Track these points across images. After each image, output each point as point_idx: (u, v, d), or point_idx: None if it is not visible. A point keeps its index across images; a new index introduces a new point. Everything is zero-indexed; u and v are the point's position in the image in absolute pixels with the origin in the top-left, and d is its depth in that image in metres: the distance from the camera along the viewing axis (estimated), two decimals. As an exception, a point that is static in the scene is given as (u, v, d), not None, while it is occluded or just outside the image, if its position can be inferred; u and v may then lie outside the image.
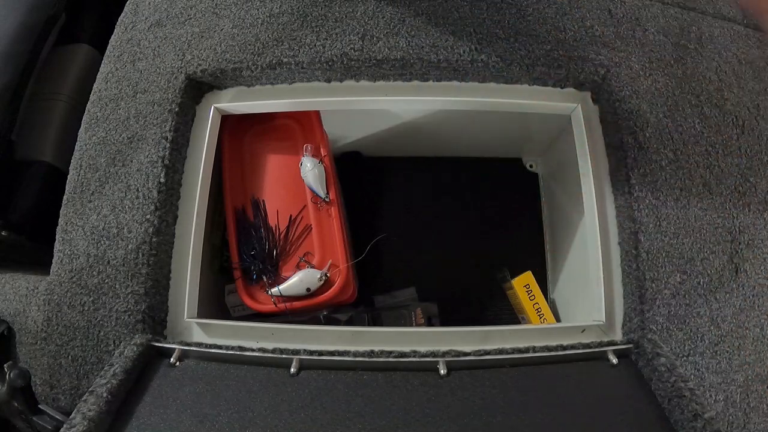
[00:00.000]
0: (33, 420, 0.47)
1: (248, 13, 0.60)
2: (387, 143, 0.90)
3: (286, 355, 0.47)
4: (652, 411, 0.44)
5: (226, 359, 0.48)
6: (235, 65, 0.57)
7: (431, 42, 0.57)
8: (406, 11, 0.59)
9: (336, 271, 0.64)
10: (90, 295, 0.52)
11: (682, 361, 0.49)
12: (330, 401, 0.44)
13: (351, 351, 0.48)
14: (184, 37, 0.60)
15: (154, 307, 0.52)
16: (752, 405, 0.48)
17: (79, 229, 0.54)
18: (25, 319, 0.54)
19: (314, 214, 0.66)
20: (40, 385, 0.52)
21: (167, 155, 0.55)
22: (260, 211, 0.67)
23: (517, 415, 0.42)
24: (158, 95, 0.57)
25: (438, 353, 0.48)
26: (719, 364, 0.49)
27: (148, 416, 0.43)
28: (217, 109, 0.59)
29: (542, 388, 0.45)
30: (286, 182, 0.68)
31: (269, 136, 0.70)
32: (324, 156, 0.68)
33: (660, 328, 0.49)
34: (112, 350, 0.51)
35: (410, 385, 0.45)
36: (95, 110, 0.58)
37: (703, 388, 0.48)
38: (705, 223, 0.52)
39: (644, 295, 0.50)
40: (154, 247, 0.52)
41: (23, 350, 0.54)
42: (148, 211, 0.53)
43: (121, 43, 0.61)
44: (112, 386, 0.43)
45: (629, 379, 0.46)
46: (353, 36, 0.57)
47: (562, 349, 0.48)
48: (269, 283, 0.64)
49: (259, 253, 0.65)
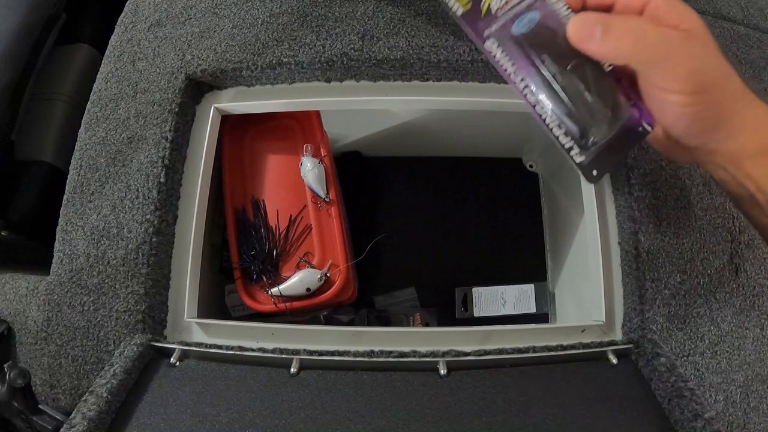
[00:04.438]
0: (33, 420, 0.47)
1: (248, 13, 0.60)
2: (387, 143, 0.90)
3: (286, 355, 0.47)
4: (652, 411, 0.44)
5: (226, 359, 0.48)
6: (235, 65, 0.57)
7: (431, 42, 0.57)
8: (406, 11, 0.59)
9: (336, 271, 0.64)
10: (90, 295, 0.52)
11: (682, 361, 0.49)
12: (330, 401, 0.44)
13: (351, 351, 0.48)
14: (184, 37, 0.60)
15: (154, 307, 0.52)
16: (752, 405, 0.48)
17: (79, 229, 0.54)
18: (25, 319, 0.54)
19: (314, 214, 0.66)
20: (40, 385, 0.52)
21: (167, 155, 0.55)
22: (260, 211, 0.67)
23: (517, 415, 0.42)
24: (158, 95, 0.57)
25: (438, 353, 0.48)
26: (719, 364, 0.49)
27: (148, 416, 0.43)
28: (217, 109, 0.59)
29: (542, 388, 0.45)
30: (286, 182, 0.68)
31: (269, 136, 0.70)
32: (324, 156, 0.68)
33: (660, 328, 0.49)
34: (112, 350, 0.51)
35: (410, 385, 0.45)
36: (95, 110, 0.58)
37: (703, 388, 0.48)
38: (705, 223, 0.52)
39: (644, 295, 0.50)
40: (154, 247, 0.52)
41: (23, 350, 0.54)
42: (148, 211, 0.53)
43: (121, 43, 0.61)
44: (112, 386, 0.43)
45: (629, 379, 0.46)
46: (353, 36, 0.57)
47: (562, 349, 0.48)
48: (269, 283, 0.64)
49: (259, 253, 0.65)
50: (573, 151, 0.33)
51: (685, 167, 0.53)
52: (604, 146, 0.33)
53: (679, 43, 0.30)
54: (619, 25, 0.30)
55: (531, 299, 0.83)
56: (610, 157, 0.33)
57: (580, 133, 0.32)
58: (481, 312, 0.84)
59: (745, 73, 0.58)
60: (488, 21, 0.32)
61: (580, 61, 0.31)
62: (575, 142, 0.33)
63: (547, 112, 0.32)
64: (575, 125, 0.32)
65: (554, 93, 0.32)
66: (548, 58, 0.31)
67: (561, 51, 0.31)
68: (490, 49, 0.32)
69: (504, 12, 0.31)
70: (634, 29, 0.30)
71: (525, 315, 0.83)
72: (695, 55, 0.30)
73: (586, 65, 0.31)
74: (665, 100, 0.31)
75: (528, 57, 0.31)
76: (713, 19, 0.62)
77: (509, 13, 0.31)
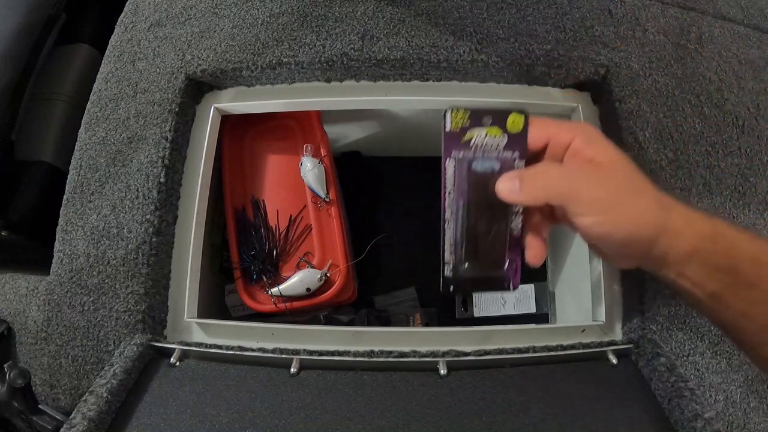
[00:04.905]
0: (33, 420, 0.47)
1: (248, 13, 0.60)
2: (387, 143, 0.90)
3: (286, 355, 0.47)
4: (652, 411, 0.44)
5: (226, 359, 0.48)
6: (235, 65, 0.57)
7: (431, 42, 0.57)
8: (406, 11, 0.59)
9: (336, 271, 0.64)
10: (90, 295, 0.52)
11: (682, 361, 0.49)
12: (330, 401, 0.44)
13: (351, 351, 0.48)
14: (184, 37, 0.60)
15: (154, 307, 0.52)
16: (752, 405, 0.48)
17: (79, 229, 0.54)
18: (25, 319, 0.54)
19: (314, 214, 0.66)
20: (40, 385, 0.52)
21: (167, 155, 0.55)
22: (260, 211, 0.67)
23: (517, 415, 0.42)
24: (158, 95, 0.57)
25: (438, 353, 0.48)
26: (719, 364, 0.49)
27: (148, 416, 0.43)
28: (217, 109, 0.58)
29: (542, 388, 0.45)
30: (286, 182, 0.68)
31: (269, 136, 0.70)
32: (324, 156, 0.68)
33: (660, 328, 0.49)
34: (112, 350, 0.51)
35: (410, 385, 0.45)
36: (95, 110, 0.58)
37: (703, 388, 0.48)
38: (705, 223, 0.52)
39: (644, 295, 0.50)
40: (154, 247, 0.52)
41: (23, 350, 0.54)
42: (148, 211, 0.53)
43: (121, 43, 0.61)
44: (112, 386, 0.43)
45: (629, 379, 0.46)
46: (353, 36, 0.57)
47: (562, 349, 0.48)
48: (269, 283, 0.64)
49: (259, 253, 0.65)
50: (447, 266, 0.40)
51: (684, 167, 0.54)
52: (470, 278, 0.40)
53: (584, 175, 0.35)
54: (529, 175, 0.36)
55: (531, 299, 0.83)
56: (469, 287, 0.42)
57: (459, 259, 0.40)
58: (481, 312, 0.84)
59: (746, 72, 0.58)
60: (462, 148, 0.38)
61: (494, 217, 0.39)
62: (452, 263, 0.40)
63: (449, 233, 0.40)
64: (459, 254, 0.40)
65: (461, 226, 0.39)
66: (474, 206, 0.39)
67: (490, 201, 0.38)
68: (446, 167, 0.38)
69: (477, 150, 0.37)
70: (541, 175, 0.36)
71: (525, 315, 0.83)
72: (599, 182, 0.35)
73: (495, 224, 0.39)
74: (581, 223, 0.35)
75: (466, 190, 0.38)
76: (713, 19, 0.62)
77: (479, 152, 0.37)
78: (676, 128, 0.55)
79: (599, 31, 0.59)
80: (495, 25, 0.58)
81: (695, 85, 0.57)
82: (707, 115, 0.56)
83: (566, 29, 0.58)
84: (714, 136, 0.55)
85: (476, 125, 0.37)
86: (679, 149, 0.54)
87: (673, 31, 0.60)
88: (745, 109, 0.56)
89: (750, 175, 0.54)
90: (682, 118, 0.55)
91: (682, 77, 0.57)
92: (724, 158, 0.54)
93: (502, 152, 0.38)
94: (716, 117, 0.56)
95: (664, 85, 0.57)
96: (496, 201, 0.37)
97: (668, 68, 0.57)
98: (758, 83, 0.58)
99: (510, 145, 0.37)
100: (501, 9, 0.59)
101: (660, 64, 0.58)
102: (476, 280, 0.41)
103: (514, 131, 0.37)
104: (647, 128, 0.55)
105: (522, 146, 0.37)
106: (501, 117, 0.37)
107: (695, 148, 0.54)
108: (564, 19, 0.59)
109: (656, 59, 0.58)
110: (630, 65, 0.57)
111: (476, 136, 0.37)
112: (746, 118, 0.56)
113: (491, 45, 0.57)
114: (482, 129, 0.37)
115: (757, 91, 0.58)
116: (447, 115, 0.37)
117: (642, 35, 0.59)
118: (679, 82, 0.57)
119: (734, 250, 0.35)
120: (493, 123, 0.37)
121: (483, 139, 0.37)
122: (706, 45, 0.59)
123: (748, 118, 0.56)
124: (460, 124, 0.37)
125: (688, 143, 0.54)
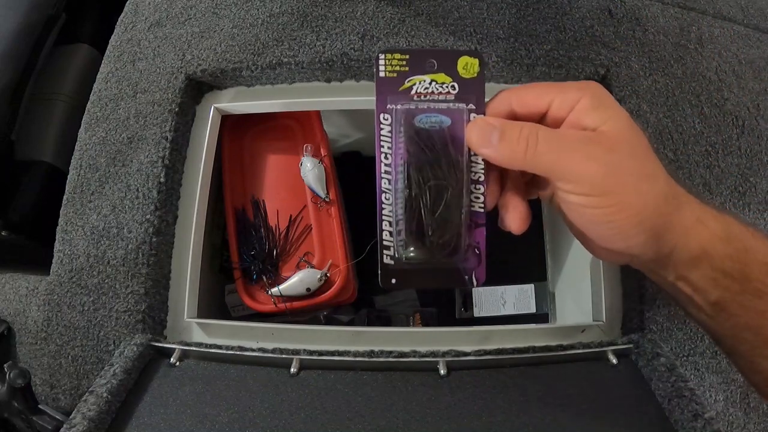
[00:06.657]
0: (33, 420, 0.47)
1: (248, 13, 0.60)
2: (387, 143, 0.90)
3: (286, 355, 0.47)
4: (652, 411, 0.44)
5: (226, 359, 0.48)
6: (235, 65, 0.57)
7: (431, 42, 0.57)
8: (406, 11, 0.59)
9: (336, 271, 0.64)
10: (90, 295, 0.52)
11: (682, 361, 0.49)
12: (330, 401, 0.44)
13: (351, 351, 0.48)
14: (184, 37, 0.60)
15: (154, 307, 0.52)
16: (752, 405, 0.48)
17: (79, 229, 0.54)
18: (25, 319, 0.54)
19: (314, 214, 0.66)
20: (40, 385, 0.52)
21: (167, 155, 0.55)
22: (260, 211, 0.67)
23: (517, 415, 0.42)
24: (158, 95, 0.57)
25: (438, 353, 0.48)
26: (719, 364, 0.49)
27: (148, 416, 0.43)
28: (217, 109, 0.58)
29: (542, 388, 0.45)
30: (286, 182, 0.68)
31: (269, 136, 0.70)
32: (324, 156, 0.68)
33: (660, 328, 0.49)
34: (112, 350, 0.51)
35: (410, 385, 0.45)
36: (95, 110, 0.58)
37: (703, 388, 0.48)
38: (705, 223, 0.52)
39: (644, 295, 0.50)
40: (154, 247, 0.52)
41: (23, 350, 0.54)
42: (148, 211, 0.53)
43: (121, 43, 0.61)
44: (112, 386, 0.43)
45: (629, 379, 0.46)
46: (353, 36, 0.57)
47: (562, 349, 0.48)
48: (269, 283, 0.64)
49: (259, 253, 0.65)
50: (387, 252, 0.32)
51: (684, 167, 0.54)
52: (416, 267, 0.32)
53: (579, 145, 0.29)
54: (514, 131, 0.29)
55: (531, 299, 0.83)
56: (417, 279, 0.33)
57: (402, 243, 0.31)
58: (481, 312, 0.84)
59: (746, 72, 0.58)
60: (400, 98, 0.30)
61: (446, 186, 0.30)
62: (393, 246, 0.32)
63: (387, 208, 0.31)
64: (401, 235, 0.31)
65: (401, 197, 0.31)
66: (418, 171, 0.31)
67: (440, 164, 0.30)
68: (381, 122, 0.31)
69: (421, 100, 0.30)
70: (528, 135, 0.29)
71: (525, 315, 0.83)
72: (596, 156, 0.29)
73: (447, 195, 0.31)
74: (569, 201, 0.30)
75: (407, 152, 0.30)
76: (713, 19, 0.62)
77: (424, 103, 0.30)
78: (676, 128, 0.55)
79: (599, 31, 0.59)
80: (495, 25, 0.58)
81: (695, 85, 0.57)
82: (707, 115, 0.56)
83: (566, 29, 0.58)
84: (714, 136, 0.55)
85: (417, 72, 0.30)
86: (679, 149, 0.54)
87: (673, 31, 0.60)
88: (745, 109, 0.56)
89: (750, 175, 0.54)
90: (682, 118, 0.55)
91: (682, 77, 0.57)
92: (724, 158, 0.54)
93: (453, 103, 0.31)
94: (716, 117, 0.56)
95: (664, 85, 0.57)
96: (449, 164, 0.30)
97: (668, 68, 0.58)
98: (758, 83, 0.58)
99: (463, 94, 0.30)
100: (501, 9, 0.59)
101: (660, 64, 0.58)
102: (426, 272, 0.33)
103: (467, 76, 0.30)
104: (647, 128, 0.55)
105: (479, 95, 0.31)
106: (448, 60, 0.30)
107: (695, 148, 0.54)
108: (564, 19, 0.59)
109: (656, 59, 0.58)
110: (630, 65, 0.57)
111: (418, 83, 0.30)
112: (746, 118, 0.56)
113: (491, 45, 0.57)
114: (425, 76, 0.30)
115: (757, 91, 0.58)
116: (380, 58, 0.30)
117: (642, 35, 0.59)
118: (679, 82, 0.57)
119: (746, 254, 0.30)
120: (439, 68, 0.30)
121: (427, 88, 0.30)
122: (706, 45, 0.59)
123: (748, 118, 0.56)
124: (397, 69, 0.30)
125: (688, 143, 0.54)
